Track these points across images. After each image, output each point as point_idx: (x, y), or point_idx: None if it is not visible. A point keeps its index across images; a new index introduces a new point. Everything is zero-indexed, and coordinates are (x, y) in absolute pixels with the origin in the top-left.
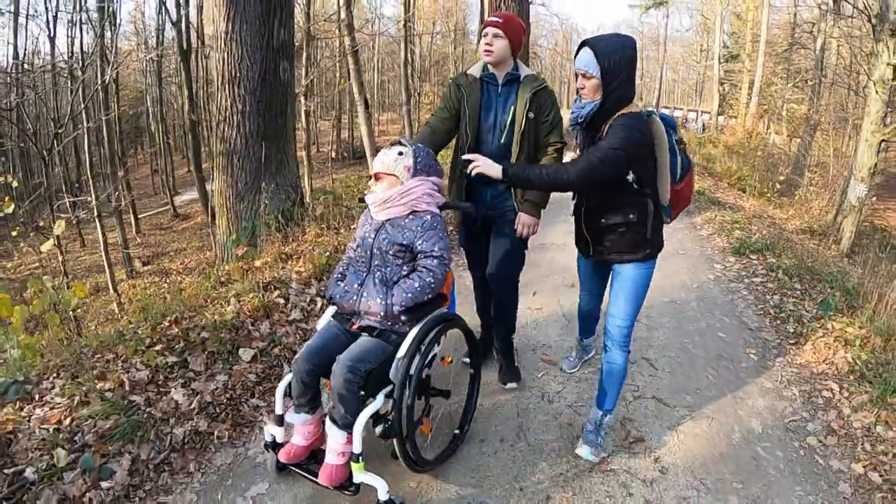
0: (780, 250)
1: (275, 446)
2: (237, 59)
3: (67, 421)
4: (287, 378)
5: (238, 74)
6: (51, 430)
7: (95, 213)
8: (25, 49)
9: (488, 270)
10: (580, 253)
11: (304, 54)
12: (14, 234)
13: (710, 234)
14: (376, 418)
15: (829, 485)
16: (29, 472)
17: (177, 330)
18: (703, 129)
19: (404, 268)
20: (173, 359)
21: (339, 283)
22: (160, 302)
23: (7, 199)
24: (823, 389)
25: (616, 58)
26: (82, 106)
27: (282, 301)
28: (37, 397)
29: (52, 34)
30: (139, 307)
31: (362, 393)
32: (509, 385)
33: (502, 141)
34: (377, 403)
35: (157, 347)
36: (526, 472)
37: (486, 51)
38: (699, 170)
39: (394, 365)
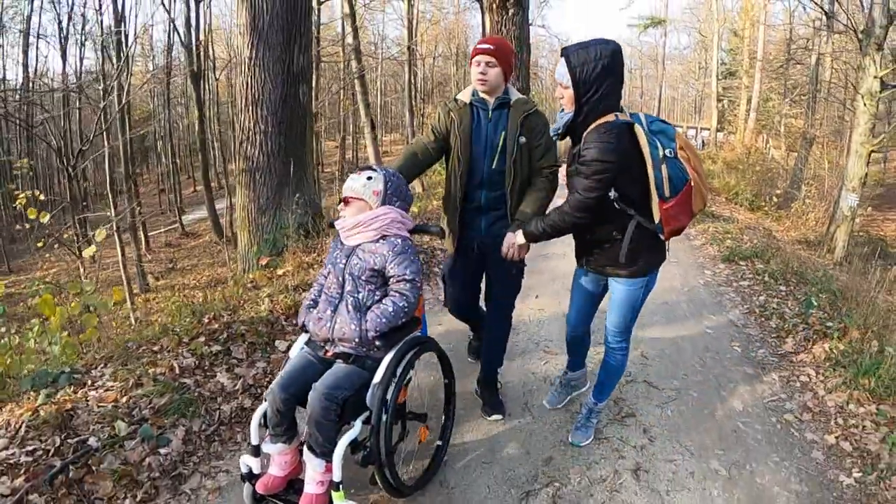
0: (769, 256)
1: (251, 477)
2: (261, 82)
3: (124, 399)
4: (262, 408)
5: (261, 97)
6: (109, 406)
7: (115, 228)
8: (35, 68)
9: (491, 299)
10: (577, 265)
11: (315, 77)
12: (39, 245)
13: (703, 244)
14: (355, 445)
15: (803, 453)
16: (92, 441)
17: (217, 325)
18: (703, 146)
19: (377, 293)
20: (217, 347)
21: (310, 309)
22: (197, 303)
23: (42, 211)
24: (801, 375)
25: (590, 67)
26: (104, 126)
27: None
28: (89, 382)
29: (64, 54)
30: (175, 308)
31: (339, 420)
32: (493, 417)
33: (494, 166)
34: (355, 430)
35: (201, 339)
36: (532, 441)
37: (480, 80)
38: None
39: (370, 391)
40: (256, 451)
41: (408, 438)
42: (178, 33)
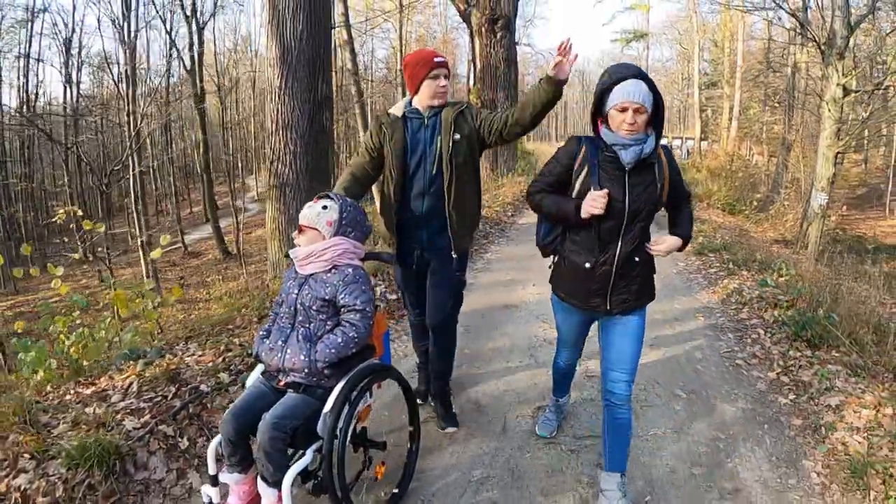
0: (736, 249)
1: None
2: (290, 109)
3: (220, 360)
4: (218, 437)
5: (290, 122)
6: (208, 365)
7: (141, 240)
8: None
9: (427, 314)
10: (577, 309)
11: None
12: (76, 256)
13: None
14: (306, 474)
15: (749, 384)
16: (203, 387)
17: None
18: (688, 155)
19: (328, 323)
20: None
21: (264, 340)
22: (262, 290)
23: (96, 222)
24: (753, 333)
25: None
26: (132, 150)
27: None
28: (179, 354)
29: (69, 79)
30: (228, 299)
31: (291, 450)
32: (448, 430)
33: (434, 172)
34: (306, 459)
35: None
36: (528, 389)
37: (441, 93)
38: None
39: (321, 420)
40: (215, 481)
41: (371, 468)
42: (183, 60)
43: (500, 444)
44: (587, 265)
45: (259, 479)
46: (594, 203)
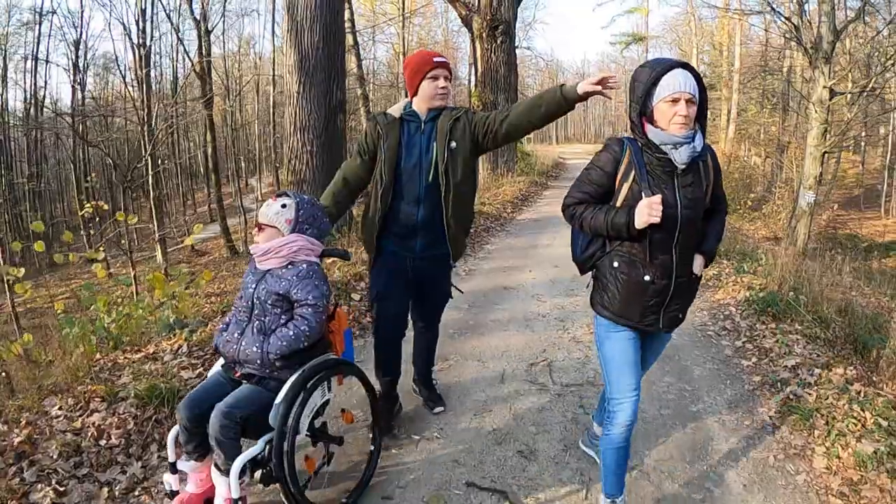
0: (722, 242)
1: (174, 495)
2: (307, 112)
3: None
4: (177, 426)
5: (307, 124)
6: None
7: (157, 238)
8: (43, 93)
9: (425, 315)
10: (628, 329)
11: None
12: (97, 256)
13: None
14: (258, 464)
15: (717, 350)
16: None
17: None
18: None
19: (282, 317)
20: None
21: (223, 332)
22: None
23: (132, 215)
24: (725, 311)
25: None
26: (154, 148)
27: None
28: (219, 325)
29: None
30: None
31: (244, 440)
32: (437, 410)
33: (430, 180)
34: (255, 449)
35: None
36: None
37: (442, 94)
38: None
39: (273, 411)
40: (174, 468)
41: (332, 462)
42: (191, 61)
43: (499, 389)
44: (646, 278)
45: (213, 466)
46: (651, 210)
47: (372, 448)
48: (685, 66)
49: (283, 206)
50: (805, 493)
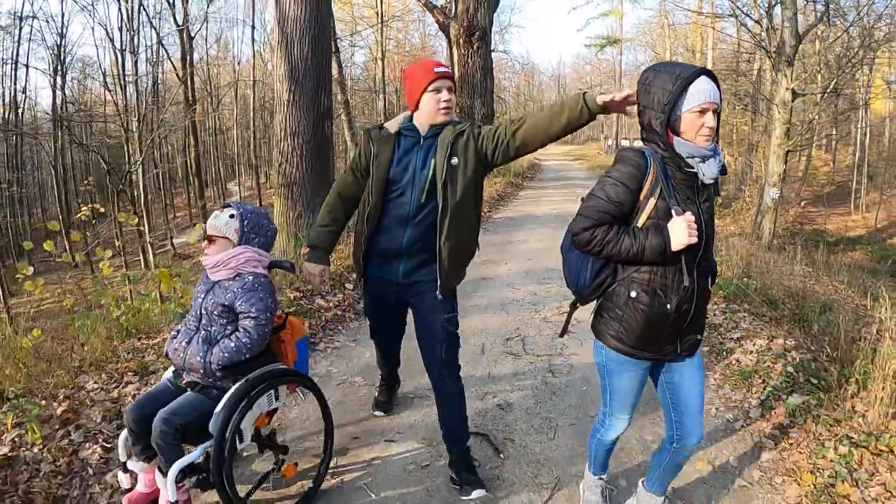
0: None
1: (127, 492)
2: (297, 119)
3: None
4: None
5: (297, 129)
6: None
7: (147, 240)
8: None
9: (425, 362)
10: (643, 361)
11: None
12: (105, 260)
13: None
14: (195, 469)
15: None
16: None
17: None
18: None
19: (228, 328)
20: (310, 287)
21: (173, 339)
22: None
23: (131, 215)
24: None
25: None
26: (144, 155)
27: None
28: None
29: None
30: None
31: (186, 446)
32: (476, 494)
33: (423, 200)
34: (192, 456)
35: (295, 285)
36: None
37: (445, 110)
38: None
39: (213, 419)
40: (125, 468)
41: (280, 469)
42: (174, 67)
43: (480, 359)
44: (668, 307)
45: (157, 469)
46: (690, 230)
47: (323, 456)
48: (708, 73)
49: (231, 216)
50: (742, 437)
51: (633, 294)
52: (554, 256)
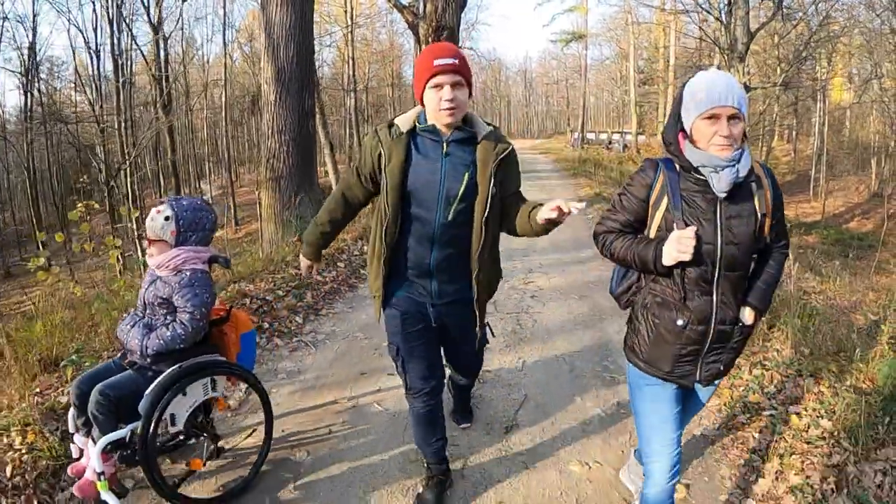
0: None
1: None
2: (283, 118)
3: (270, 286)
4: None
5: (284, 127)
6: (263, 289)
7: (136, 235)
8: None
9: (456, 376)
10: (662, 381)
11: None
12: (115, 249)
13: (594, 216)
14: (122, 446)
15: None
16: (268, 297)
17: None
18: (625, 148)
19: (167, 318)
20: (296, 270)
21: (122, 322)
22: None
23: (133, 209)
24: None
25: None
26: (135, 153)
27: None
28: (240, 286)
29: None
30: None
31: (120, 424)
32: (463, 425)
33: (450, 218)
34: (121, 433)
35: (288, 270)
36: None
37: (449, 111)
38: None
39: (143, 400)
40: (73, 439)
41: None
42: (149, 66)
43: None
44: (679, 322)
45: (91, 439)
46: (681, 246)
47: (262, 448)
48: (722, 76)
49: (167, 218)
50: None
51: (647, 303)
52: (517, 239)
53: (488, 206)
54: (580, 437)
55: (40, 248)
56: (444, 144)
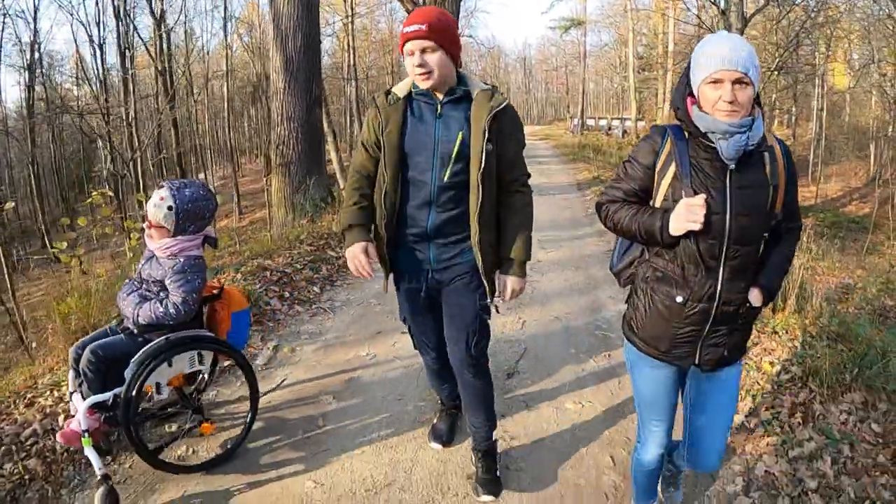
0: None
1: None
2: (292, 105)
3: (287, 261)
4: None
5: (293, 115)
6: (282, 263)
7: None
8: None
9: (450, 354)
10: (659, 361)
11: None
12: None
13: (591, 198)
14: (106, 408)
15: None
16: (287, 270)
17: (305, 235)
18: (624, 134)
19: (160, 294)
20: (311, 247)
21: (122, 289)
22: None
23: (144, 194)
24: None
25: None
26: (145, 144)
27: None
28: (260, 261)
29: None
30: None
31: (103, 378)
32: (484, 498)
33: (445, 179)
34: (105, 395)
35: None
36: None
37: (422, 76)
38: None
39: (129, 367)
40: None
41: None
42: (153, 58)
43: None
44: (679, 299)
45: (80, 395)
46: (690, 214)
47: (247, 421)
48: (730, 37)
49: (170, 207)
50: None
51: (647, 276)
52: None
53: (483, 162)
54: (574, 381)
55: (49, 235)
56: (439, 106)
